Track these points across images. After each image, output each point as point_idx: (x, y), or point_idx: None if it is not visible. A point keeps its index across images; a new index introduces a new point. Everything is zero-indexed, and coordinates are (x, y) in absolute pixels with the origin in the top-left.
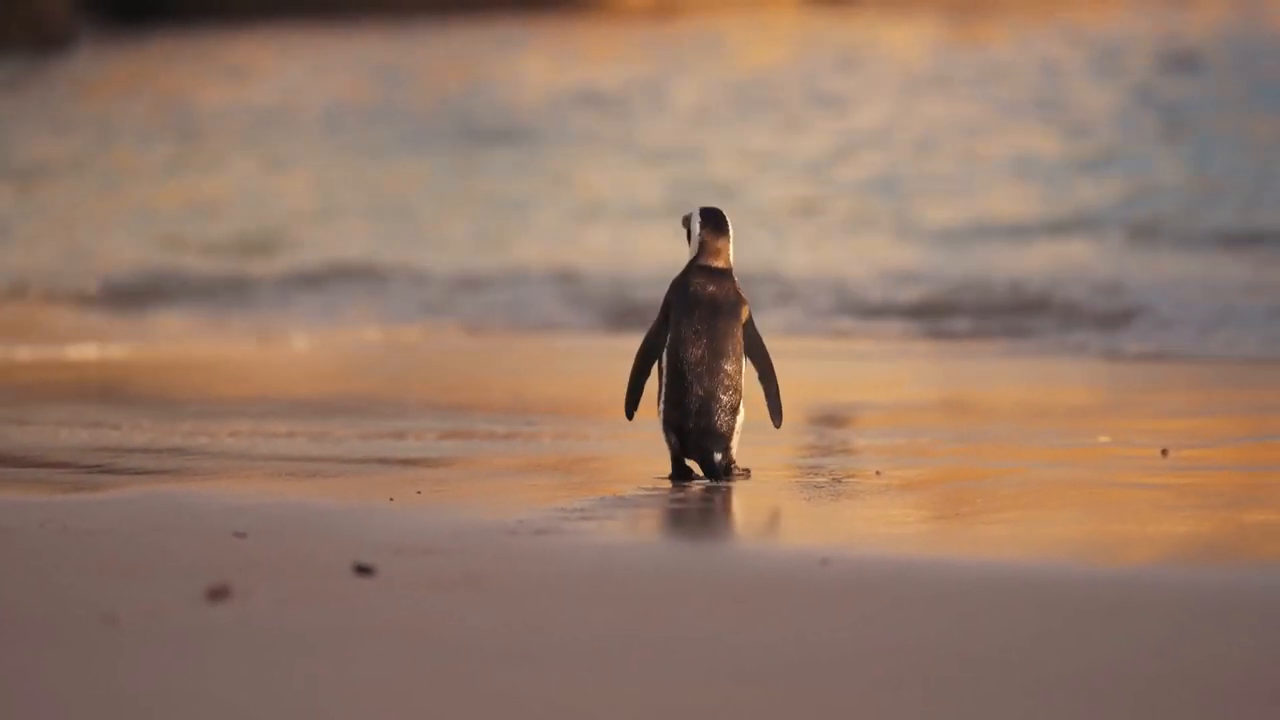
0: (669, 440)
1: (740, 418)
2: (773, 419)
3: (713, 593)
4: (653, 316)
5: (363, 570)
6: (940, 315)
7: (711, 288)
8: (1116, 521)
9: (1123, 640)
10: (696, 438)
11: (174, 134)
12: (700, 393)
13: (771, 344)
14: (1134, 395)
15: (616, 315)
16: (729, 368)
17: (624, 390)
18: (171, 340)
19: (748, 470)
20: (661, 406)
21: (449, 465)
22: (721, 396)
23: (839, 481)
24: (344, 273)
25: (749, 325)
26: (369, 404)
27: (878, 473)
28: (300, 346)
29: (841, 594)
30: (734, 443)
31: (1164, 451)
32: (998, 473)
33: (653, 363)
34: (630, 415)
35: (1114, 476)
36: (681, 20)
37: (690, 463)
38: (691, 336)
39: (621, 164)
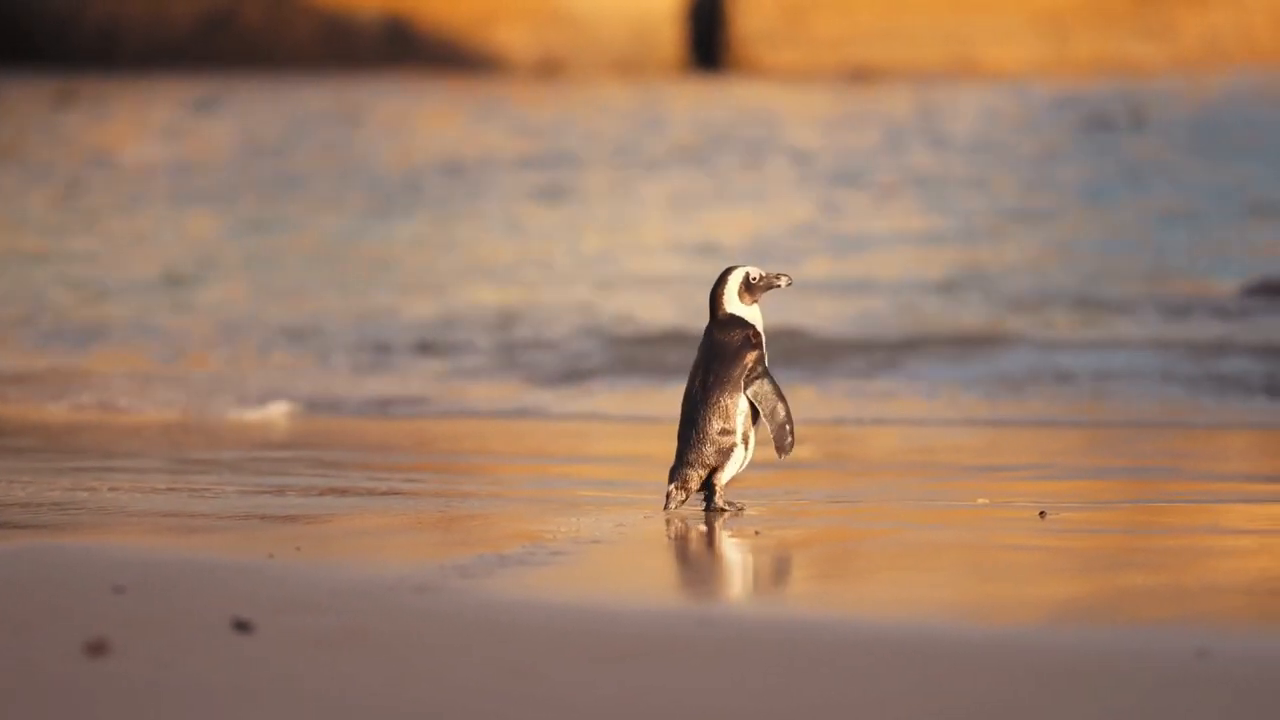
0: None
1: (738, 454)
2: (777, 450)
3: (593, 652)
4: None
5: (241, 626)
6: (824, 363)
7: (719, 334)
8: (995, 583)
9: (1001, 702)
10: (684, 461)
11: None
12: (686, 428)
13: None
14: (1012, 456)
15: (507, 369)
16: (723, 405)
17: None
18: (54, 394)
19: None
20: None
21: (329, 522)
22: (707, 429)
23: (721, 542)
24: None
25: (754, 368)
26: (249, 460)
27: (757, 533)
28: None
29: (722, 654)
30: (723, 476)
31: (1042, 513)
32: (877, 534)
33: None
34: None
35: (992, 538)
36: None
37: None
38: (695, 374)
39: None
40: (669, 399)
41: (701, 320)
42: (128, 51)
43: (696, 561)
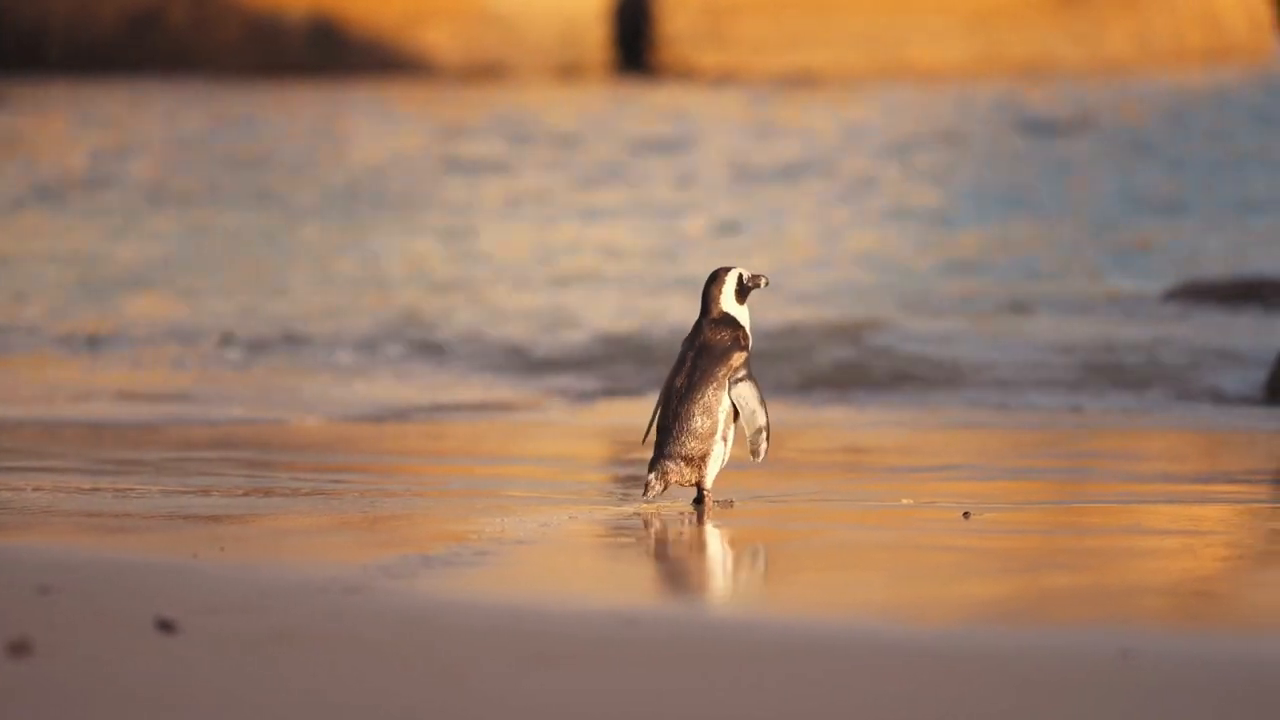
0: (649, 465)
1: (718, 450)
2: (752, 454)
3: (519, 652)
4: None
5: (165, 626)
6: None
7: (709, 333)
8: (918, 584)
9: (924, 702)
10: (655, 459)
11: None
12: (670, 421)
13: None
14: (936, 457)
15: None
16: (706, 400)
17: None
18: None
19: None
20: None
21: (254, 522)
22: (689, 423)
23: (647, 541)
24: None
25: (739, 369)
26: (173, 460)
27: (682, 533)
28: (106, 400)
29: (649, 655)
30: (708, 472)
31: (966, 514)
32: (803, 534)
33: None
34: (644, 440)
35: (916, 539)
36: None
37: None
38: (680, 370)
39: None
40: (594, 400)
41: (620, 322)
42: (53, 54)
43: (623, 562)
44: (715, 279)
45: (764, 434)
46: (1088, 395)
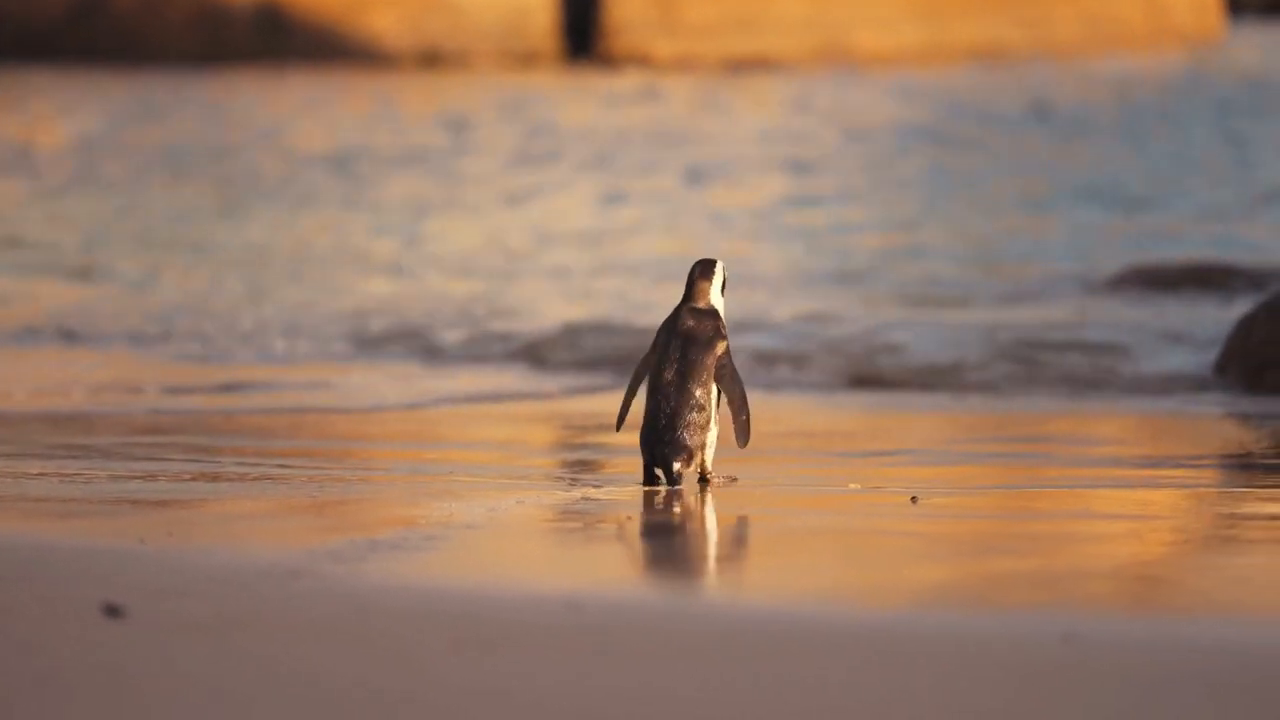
0: (642, 451)
1: (712, 434)
2: (738, 441)
3: (464, 637)
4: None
5: (112, 611)
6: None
7: (690, 323)
8: (866, 568)
9: (870, 687)
10: (662, 449)
11: None
12: (668, 410)
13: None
14: (884, 441)
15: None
16: (696, 391)
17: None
18: None
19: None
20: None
21: (201, 507)
22: (686, 415)
23: (591, 526)
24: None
25: (723, 358)
26: (120, 445)
27: (629, 518)
28: (49, 384)
29: (593, 639)
30: (707, 455)
31: (913, 499)
32: (749, 518)
33: (639, 386)
34: (618, 429)
35: (865, 523)
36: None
37: (660, 473)
38: (666, 362)
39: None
40: (539, 386)
41: (561, 309)
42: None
43: (568, 546)
44: (705, 270)
45: (747, 421)
46: (1034, 380)
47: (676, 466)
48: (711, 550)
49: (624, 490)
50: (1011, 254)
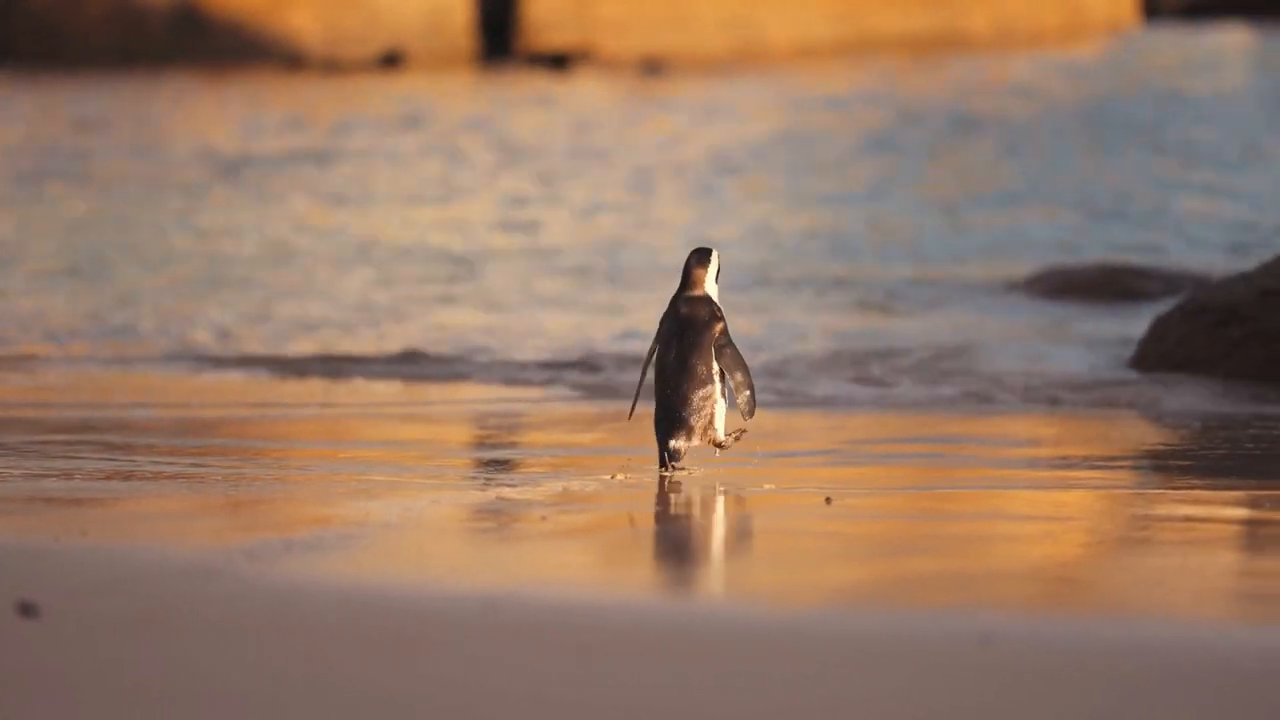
0: (656, 433)
1: (720, 407)
2: (743, 414)
3: (379, 636)
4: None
5: (27, 610)
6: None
7: (687, 309)
8: (780, 569)
9: (784, 687)
10: (668, 428)
11: None
12: (674, 392)
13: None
14: (798, 442)
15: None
16: (699, 370)
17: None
18: None
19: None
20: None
21: (116, 505)
22: (690, 396)
23: (506, 526)
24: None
25: (721, 338)
26: (34, 444)
27: (543, 518)
28: None
29: (507, 638)
30: (718, 426)
31: (828, 499)
32: (664, 519)
33: (646, 374)
34: (630, 417)
35: (779, 524)
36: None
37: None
38: (668, 347)
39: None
40: (451, 387)
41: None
42: None
43: (483, 546)
44: (701, 258)
45: (751, 395)
46: (948, 380)
47: (674, 444)
48: (627, 551)
49: (538, 490)
50: (930, 256)
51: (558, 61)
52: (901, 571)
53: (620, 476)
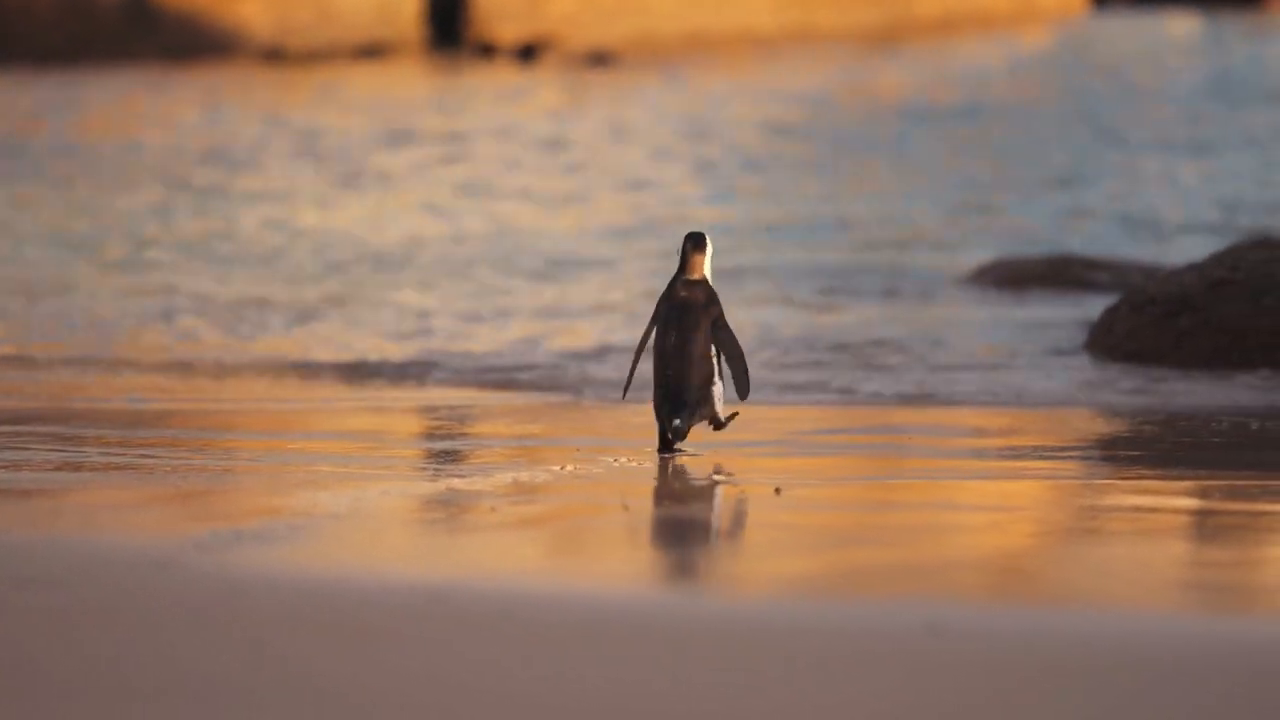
0: (656, 417)
1: (717, 388)
2: (738, 393)
3: (326, 625)
4: None
5: None
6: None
7: (685, 293)
8: (730, 559)
9: (733, 678)
10: (669, 408)
11: None
12: (671, 373)
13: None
14: (747, 433)
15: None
16: (697, 353)
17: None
18: None
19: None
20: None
21: (65, 497)
22: (689, 375)
23: (455, 517)
24: None
25: (718, 321)
26: None
27: (492, 509)
28: None
29: (455, 628)
30: (717, 406)
31: (777, 490)
32: (611, 510)
33: (642, 354)
34: (624, 396)
35: (729, 515)
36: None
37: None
38: (667, 330)
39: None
40: (401, 379)
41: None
42: None
43: (433, 537)
44: (699, 244)
45: (746, 376)
46: (896, 371)
47: (677, 422)
48: (575, 541)
49: (488, 481)
50: (879, 246)
51: (526, 54)
52: (850, 562)
53: (570, 468)
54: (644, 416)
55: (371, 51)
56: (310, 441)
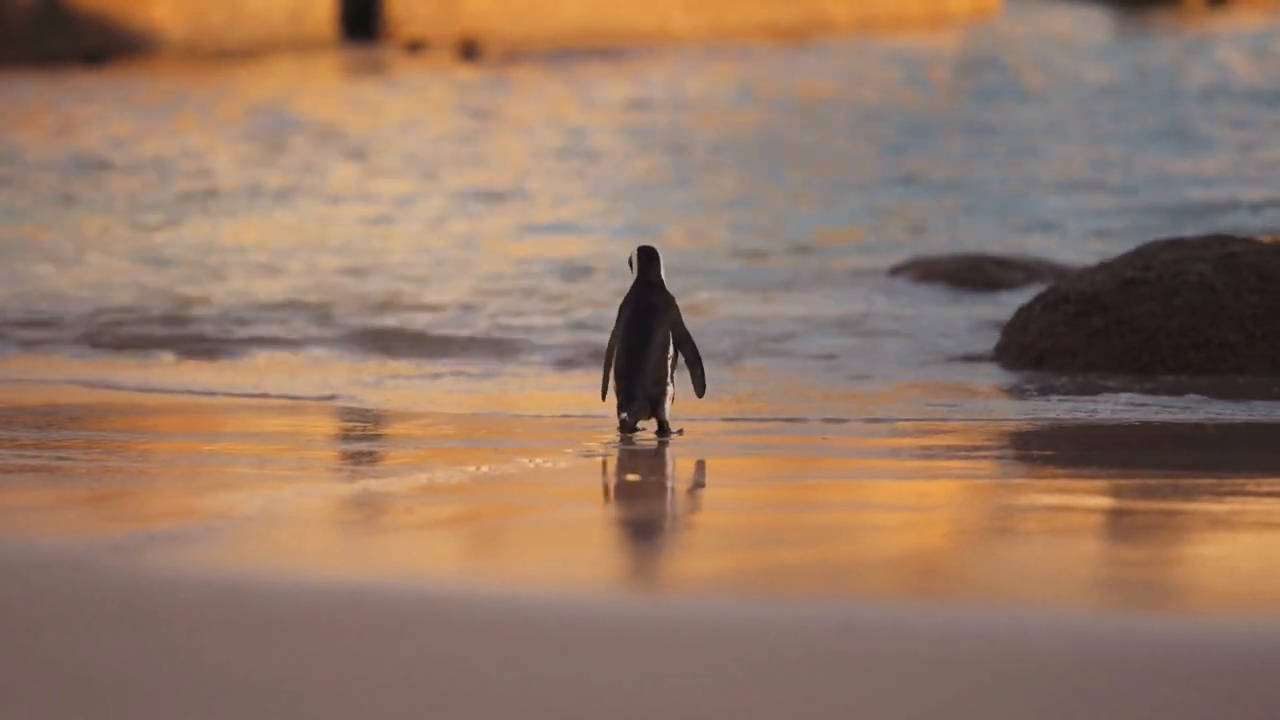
0: (617, 409)
1: (670, 390)
2: (696, 391)
3: (242, 627)
4: None
5: None
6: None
7: (646, 296)
8: (643, 558)
9: (644, 675)
10: (626, 399)
11: None
12: (631, 367)
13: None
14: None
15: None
16: (655, 353)
17: None
18: None
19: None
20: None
21: None
22: (646, 370)
23: (371, 519)
24: None
25: (676, 323)
26: None
27: (409, 510)
28: None
29: (371, 628)
30: (666, 409)
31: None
32: (527, 510)
33: (613, 355)
34: (603, 398)
35: (646, 513)
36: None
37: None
38: (630, 328)
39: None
40: (309, 379)
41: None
42: None
43: (349, 538)
44: (654, 257)
45: (702, 374)
46: (811, 369)
47: (624, 416)
48: (491, 541)
49: (404, 482)
50: (795, 244)
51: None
52: (766, 561)
53: (485, 468)
54: (556, 418)
55: (284, 49)
56: (225, 443)
